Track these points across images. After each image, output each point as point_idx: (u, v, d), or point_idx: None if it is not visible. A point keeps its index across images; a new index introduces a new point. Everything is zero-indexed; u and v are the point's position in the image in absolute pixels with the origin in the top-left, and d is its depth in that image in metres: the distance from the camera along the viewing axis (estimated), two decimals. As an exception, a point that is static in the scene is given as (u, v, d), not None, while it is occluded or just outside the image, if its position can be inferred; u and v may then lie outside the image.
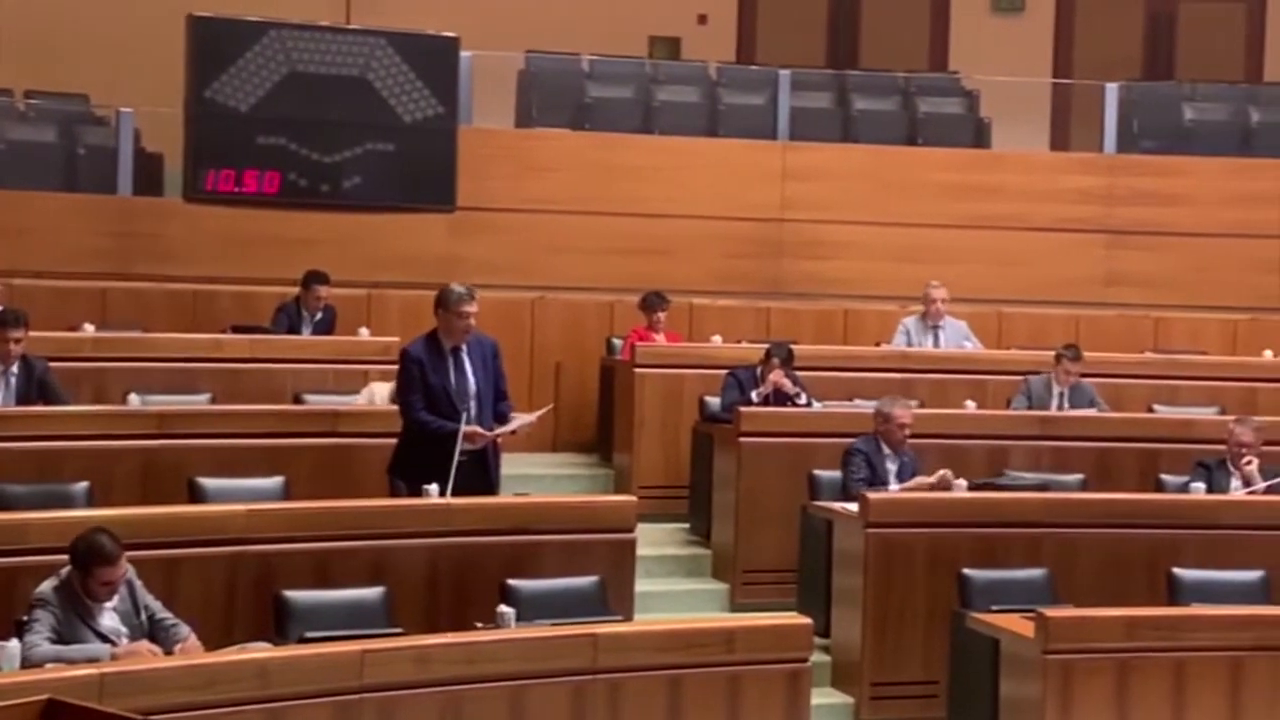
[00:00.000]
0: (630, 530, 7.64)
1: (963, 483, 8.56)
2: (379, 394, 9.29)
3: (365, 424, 8.77)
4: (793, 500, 9.02)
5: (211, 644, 6.05)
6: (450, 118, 12.30)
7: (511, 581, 6.86)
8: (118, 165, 12.17)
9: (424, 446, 7.68)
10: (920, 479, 8.73)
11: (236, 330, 10.74)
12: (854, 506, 8.18)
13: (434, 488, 7.44)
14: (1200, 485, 8.72)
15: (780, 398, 9.86)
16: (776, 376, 9.85)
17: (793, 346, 10.23)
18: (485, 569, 7.11)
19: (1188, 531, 8.18)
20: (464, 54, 12.46)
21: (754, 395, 9.86)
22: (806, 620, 6.64)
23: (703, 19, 15.92)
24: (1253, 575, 7.67)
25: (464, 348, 7.83)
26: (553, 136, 12.93)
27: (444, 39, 12.43)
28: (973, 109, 13.97)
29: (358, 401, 9.29)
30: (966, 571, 7.62)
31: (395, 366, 8.88)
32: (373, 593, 6.72)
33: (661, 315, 11.32)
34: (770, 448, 9.35)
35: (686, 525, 10.11)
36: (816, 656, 7.52)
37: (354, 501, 7.57)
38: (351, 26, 12.65)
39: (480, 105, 12.79)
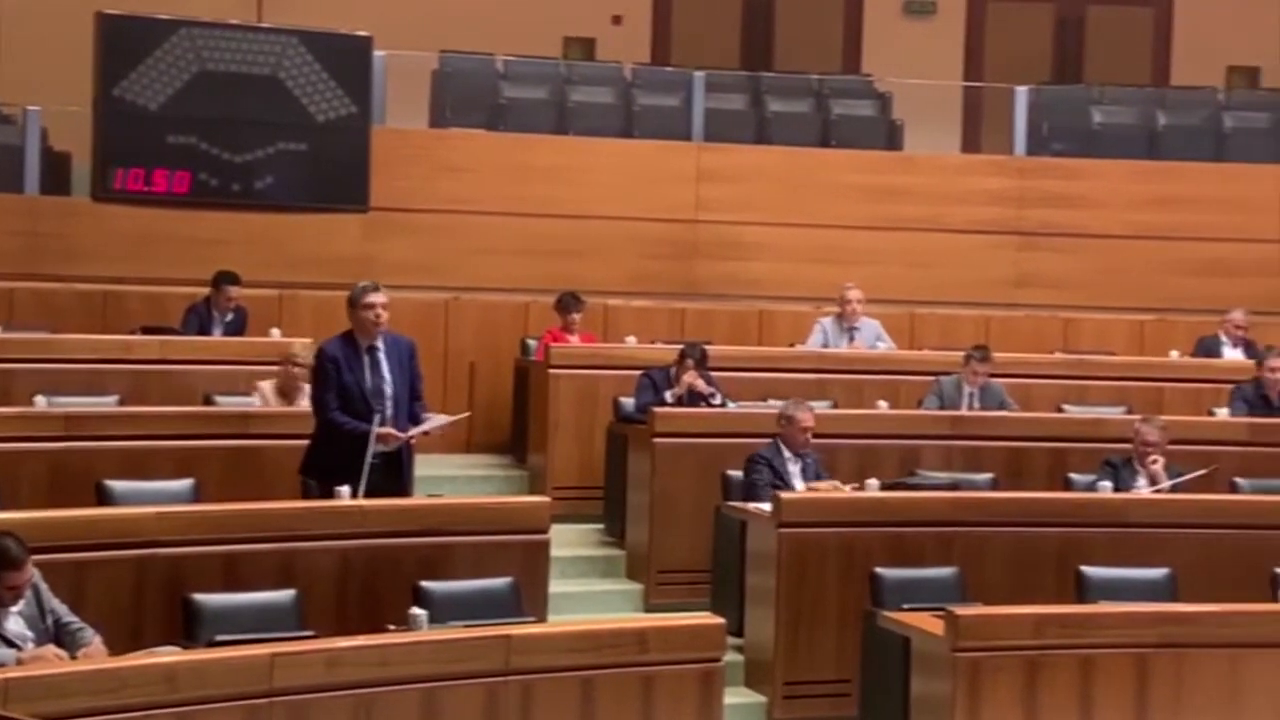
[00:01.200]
0: (544, 531, 7.62)
1: (874, 482, 8.61)
2: (269, 394, 9.20)
3: (276, 425, 8.70)
4: (707, 501, 9.05)
5: (119, 648, 5.97)
6: (363, 117, 12.26)
7: (424, 583, 6.83)
8: (24, 164, 12.00)
9: (337, 446, 7.62)
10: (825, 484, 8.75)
11: (146, 331, 10.62)
12: (767, 506, 8.21)
13: (345, 489, 7.40)
14: (1107, 484, 8.82)
15: (694, 398, 9.89)
16: (691, 377, 9.88)
17: (707, 347, 10.26)
18: (398, 571, 7.07)
19: (1095, 530, 8.26)
20: (377, 53, 12.41)
21: (668, 396, 9.88)
22: (719, 620, 6.65)
23: (617, 20, 15.94)
24: (1159, 573, 7.77)
25: (381, 347, 7.78)
26: (467, 137, 12.89)
27: (357, 38, 12.37)
28: (885, 111, 14.08)
29: (253, 404, 9.19)
30: (878, 571, 7.66)
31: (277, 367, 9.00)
32: (283, 595, 6.66)
33: (576, 316, 11.31)
34: (684, 448, 9.37)
35: (601, 526, 10.11)
36: (730, 656, 7.56)
37: (264, 504, 7.50)
38: (263, 25, 12.57)
39: (394, 105, 12.73)
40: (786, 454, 8.83)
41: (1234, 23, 16.14)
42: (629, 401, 10.09)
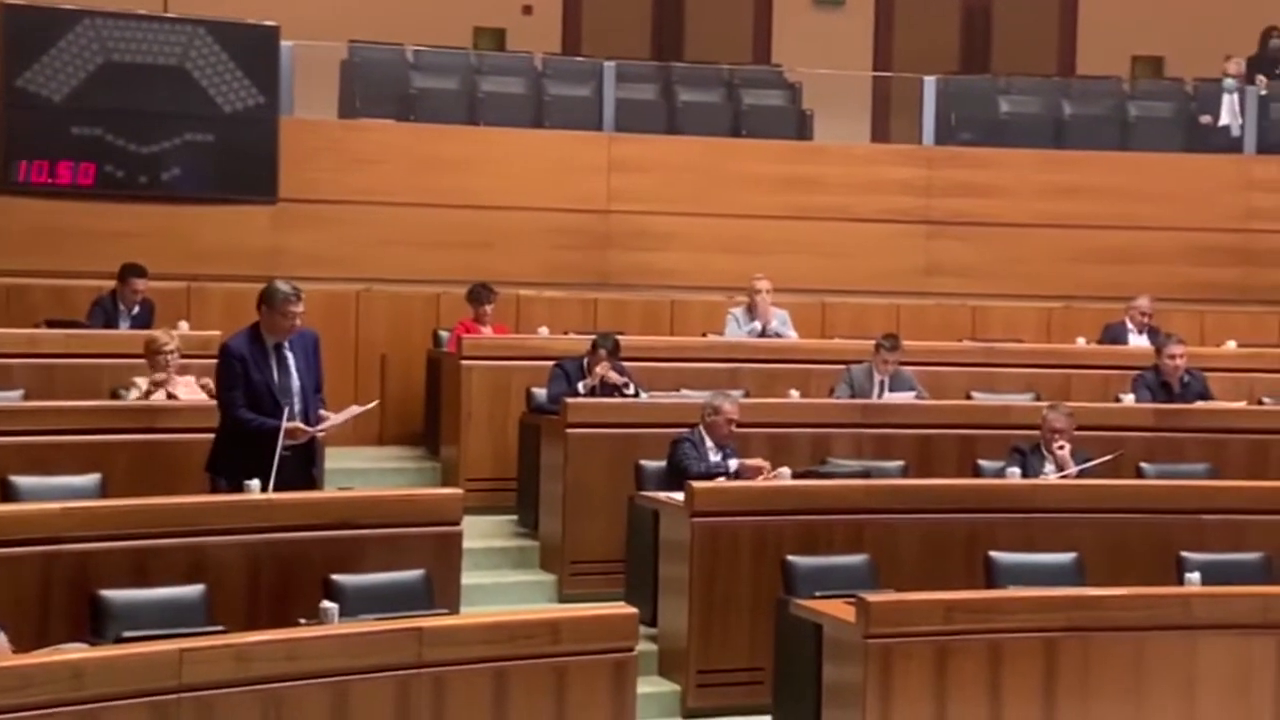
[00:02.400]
0: (456, 523, 7.60)
1: (786, 471, 8.65)
2: (144, 388, 9.07)
3: (184, 420, 8.60)
4: (620, 491, 9.05)
5: (25, 646, 5.88)
6: (271, 108, 12.16)
7: (335, 577, 6.78)
8: (-74, 156, 11.81)
9: (244, 444, 7.55)
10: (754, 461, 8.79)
11: (51, 325, 10.49)
12: (680, 496, 8.23)
13: (255, 483, 7.33)
14: (1015, 470, 8.91)
15: (607, 389, 9.90)
16: (603, 368, 9.88)
17: (619, 338, 10.26)
18: (308, 565, 7.02)
19: (1004, 515, 8.35)
20: (285, 43, 12.32)
21: (581, 387, 9.88)
22: (632, 610, 6.65)
23: (528, 10, 15.90)
24: (1066, 557, 7.85)
25: (287, 342, 7.72)
26: (377, 128, 12.82)
27: (264, 28, 12.27)
28: (795, 101, 14.14)
29: (130, 398, 9.07)
30: (790, 559, 7.69)
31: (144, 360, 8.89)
32: (192, 591, 6.60)
33: (488, 308, 11.28)
34: (597, 439, 9.37)
35: (514, 517, 10.09)
36: (644, 646, 7.57)
37: (172, 498, 7.43)
38: (169, 15, 12.43)
39: (302, 96, 12.64)
40: (709, 444, 8.85)
41: (1138, 13, 16.35)
42: (542, 392, 10.07)
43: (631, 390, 9.95)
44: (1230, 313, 13.20)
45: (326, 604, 6.23)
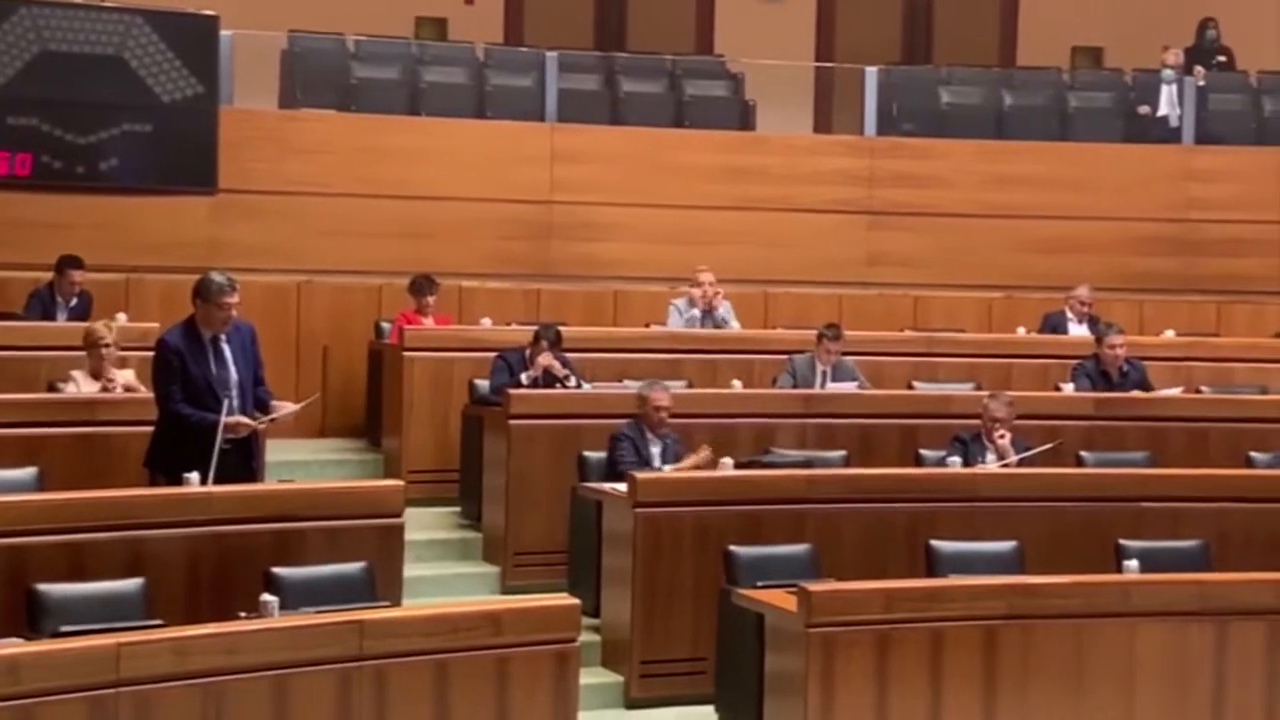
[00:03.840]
0: (398, 515, 7.57)
1: (729, 461, 8.67)
2: (82, 381, 9.00)
3: (122, 412, 8.54)
4: (563, 482, 9.05)
5: (-40, 642, 5.83)
6: (211, 98, 12.07)
7: (275, 570, 6.75)
8: None
9: (183, 439, 7.49)
10: (689, 459, 8.80)
11: (-12, 317, 10.39)
12: (623, 487, 8.23)
13: (194, 476, 7.28)
14: (956, 459, 8.96)
15: (550, 380, 9.88)
16: (545, 359, 9.86)
17: (562, 328, 10.25)
18: (248, 558, 6.97)
19: (945, 504, 8.39)
20: (224, 33, 12.23)
21: (523, 378, 9.86)
22: (574, 601, 6.65)
23: (469, 0, 15.83)
24: (1006, 545, 7.90)
25: (223, 335, 7.65)
26: (317, 118, 12.74)
27: (203, 17, 12.17)
28: (738, 92, 14.14)
29: (67, 390, 8.99)
30: (733, 549, 7.72)
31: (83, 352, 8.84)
32: (130, 585, 6.54)
33: (430, 299, 11.24)
34: (540, 430, 9.36)
35: (457, 509, 10.06)
36: (587, 636, 7.58)
37: (110, 491, 7.35)
38: (106, 4, 12.28)
39: (242, 85, 12.55)
40: (648, 434, 8.86)
41: (1078, 4, 16.45)
42: (484, 384, 10.05)
43: (574, 381, 9.95)
44: (1169, 302, 13.31)
45: (267, 597, 6.20)
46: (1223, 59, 15.08)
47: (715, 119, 13.68)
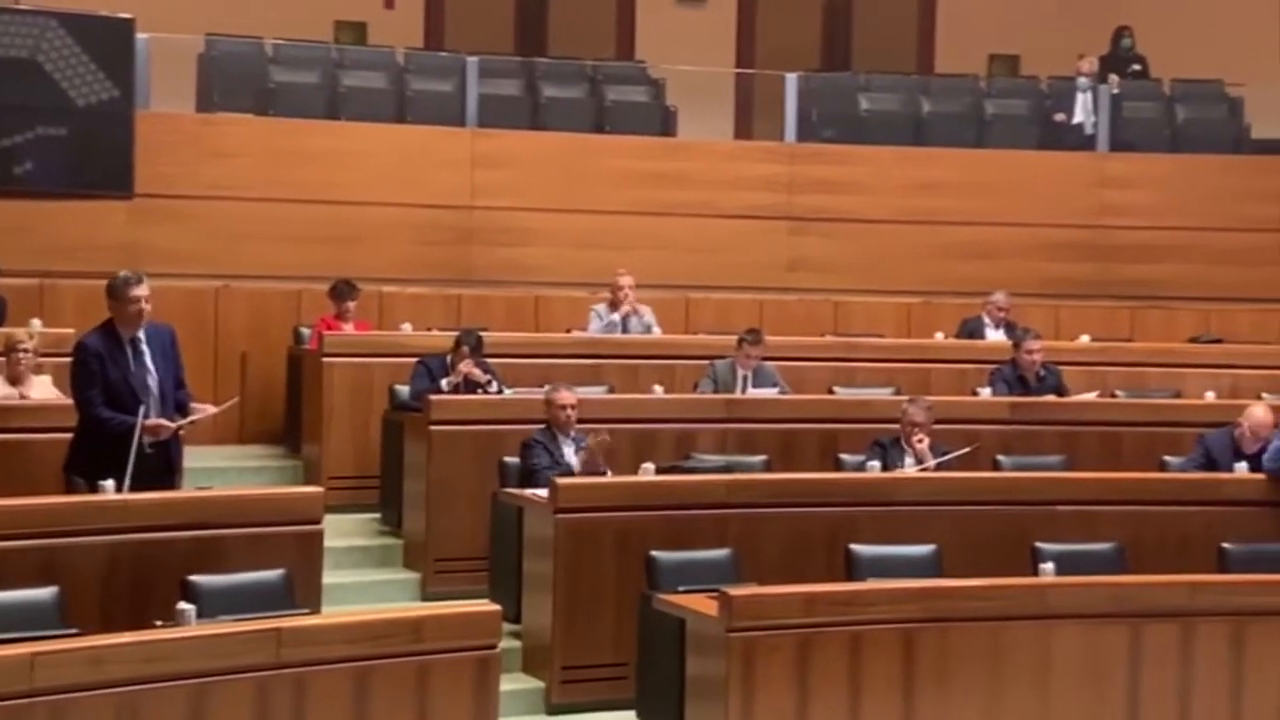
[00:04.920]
0: (317, 522, 7.52)
1: (650, 466, 8.68)
2: None
3: (37, 419, 8.43)
4: (484, 488, 9.03)
5: None
6: (127, 101, 11.96)
7: (192, 578, 6.67)
8: None
9: (103, 442, 7.42)
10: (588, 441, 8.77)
11: (-102, 323, 10.24)
12: (544, 493, 8.22)
13: (110, 483, 7.21)
14: (875, 464, 9.01)
15: (471, 386, 9.86)
16: (466, 365, 9.84)
17: (483, 334, 10.23)
18: (165, 565, 6.89)
19: (864, 509, 8.44)
20: (140, 36, 12.13)
21: (444, 383, 9.84)
22: (495, 607, 6.64)
23: (389, 4, 15.77)
24: (925, 549, 7.95)
25: (143, 338, 7.59)
26: (235, 122, 12.66)
27: (119, 20, 12.06)
28: (659, 97, 14.18)
29: None
30: (654, 554, 7.72)
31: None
32: (45, 593, 6.44)
33: (351, 305, 11.19)
34: (461, 435, 9.34)
35: (377, 515, 10.02)
36: (508, 642, 7.58)
37: (24, 499, 7.24)
38: (20, 6, 12.15)
39: (159, 89, 12.45)
40: (560, 436, 8.87)
41: (994, 11, 16.61)
42: (405, 389, 10.01)
43: (495, 387, 9.93)
44: (1084, 307, 13.47)
45: (183, 605, 6.15)
46: (1137, 67, 15.29)
47: (636, 124, 13.71)
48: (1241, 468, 9.11)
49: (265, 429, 11.44)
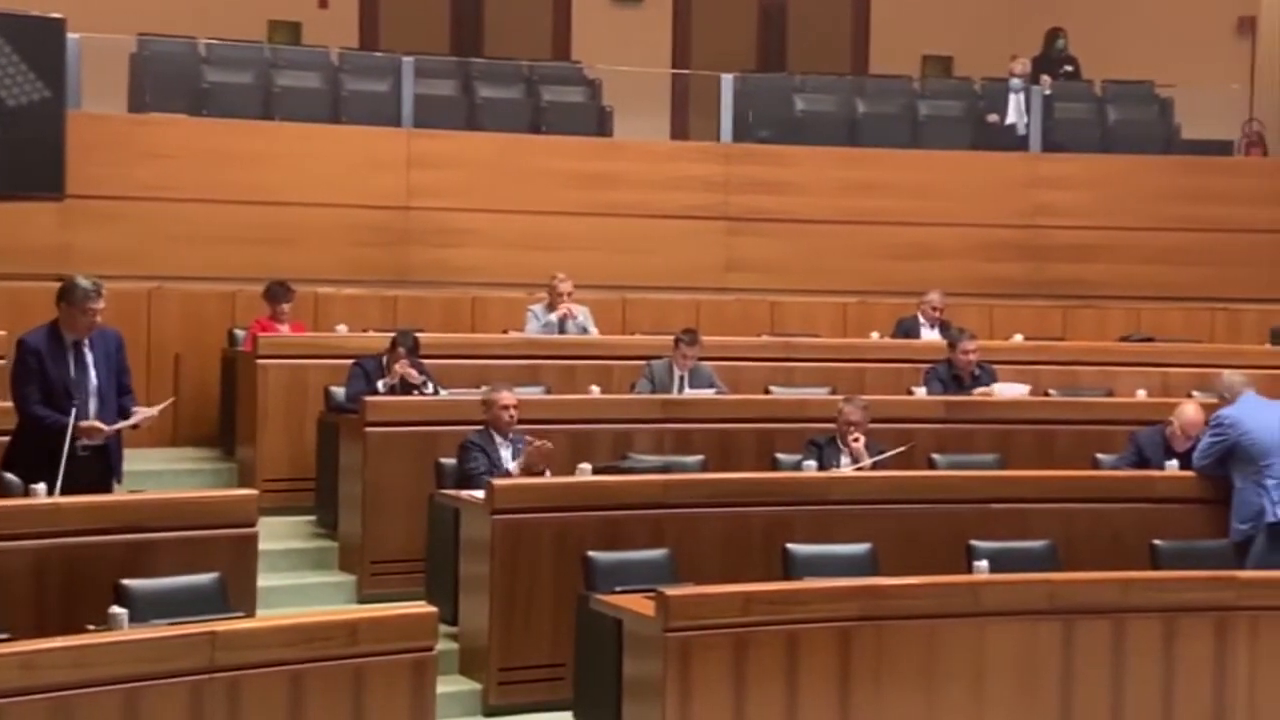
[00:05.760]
0: (251, 524, 7.49)
1: (587, 467, 8.68)
2: None
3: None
4: (420, 489, 9.01)
5: None
6: (58, 102, 11.84)
7: (125, 581, 6.63)
8: None
9: (39, 441, 7.42)
10: (527, 449, 8.76)
11: None
12: (480, 494, 8.21)
13: (41, 487, 7.16)
14: (812, 463, 9.05)
15: (407, 387, 9.83)
16: (402, 366, 9.82)
17: (419, 335, 10.20)
18: (98, 569, 6.85)
19: (801, 508, 8.46)
20: (71, 36, 12.01)
21: (380, 385, 9.80)
22: (431, 609, 6.63)
23: (324, 4, 15.68)
24: (861, 548, 7.99)
25: (86, 341, 7.60)
26: (168, 122, 12.57)
27: (49, 20, 11.94)
28: (595, 98, 14.18)
29: None
30: (591, 554, 7.72)
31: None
32: (-25, 599, 6.42)
33: (286, 306, 11.13)
34: (397, 437, 9.31)
35: (313, 518, 9.97)
36: (445, 644, 7.56)
37: (-47, 503, 7.20)
38: (-52, 5, 12.03)
39: (90, 89, 12.34)
40: (497, 438, 8.85)
41: (928, 13, 16.70)
42: (340, 391, 9.98)
43: (431, 388, 9.90)
44: (1017, 306, 13.57)
45: (116, 609, 6.11)
46: (1069, 69, 15.42)
47: (572, 125, 13.70)
48: (1172, 465, 9.21)
49: (199, 432, 11.36)
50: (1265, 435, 8.75)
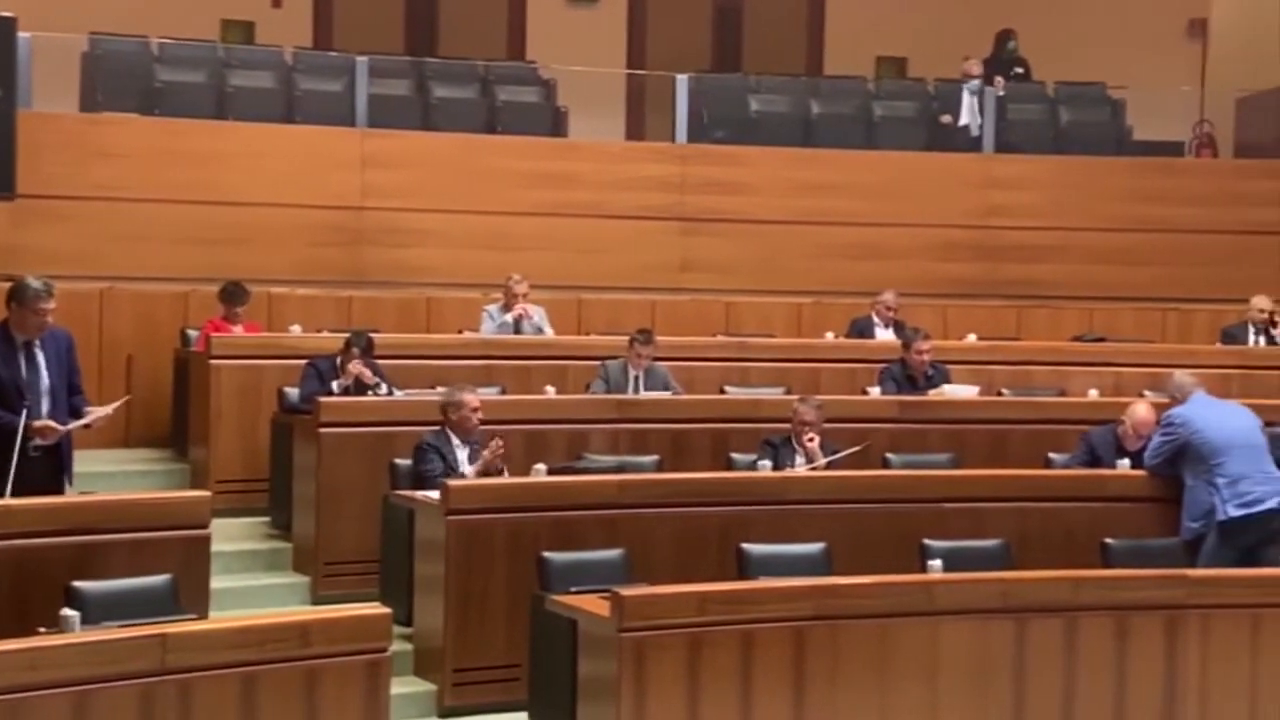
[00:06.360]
0: (204, 526, 7.44)
1: (542, 467, 8.68)
2: None
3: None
4: (374, 490, 8.98)
5: None
6: (8, 101, 11.75)
7: (77, 584, 6.59)
8: None
9: (-5, 442, 7.36)
10: (484, 453, 8.74)
11: None
12: (435, 494, 8.19)
13: (-9, 489, 7.12)
14: (767, 463, 9.07)
15: (361, 388, 9.80)
16: (356, 366, 9.78)
17: (374, 335, 10.18)
18: (49, 572, 6.79)
19: (756, 508, 8.48)
20: (22, 35, 11.93)
21: (334, 386, 9.77)
22: (385, 610, 6.60)
23: (277, 3, 15.64)
24: (815, 547, 8.01)
25: (37, 341, 7.57)
26: (120, 121, 12.50)
27: (0, 18, 11.83)
28: (550, 98, 14.17)
29: None
30: (546, 555, 7.71)
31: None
32: (-76, 602, 6.36)
33: (240, 309, 11.08)
34: (351, 438, 9.27)
35: (266, 519, 9.93)
36: (399, 646, 7.55)
37: (-99, 505, 7.13)
38: (-103, 3, 11.92)
39: (41, 88, 12.27)
40: (455, 440, 8.83)
41: (882, 14, 16.76)
42: (294, 392, 9.94)
43: (385, 389, 9.87)
44: (971, 306, 13.63)
45: (67, 611, 6.07)
46: (1020, 70, 15.50)
47: (527, 125, 13.69)
48: (1124, 464, 9.27)
49: (152, 433, 11.30)
50: (1216, 434, 8.81)
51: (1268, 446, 8.94)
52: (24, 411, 7.31)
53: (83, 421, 7.65)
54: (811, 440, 9.22)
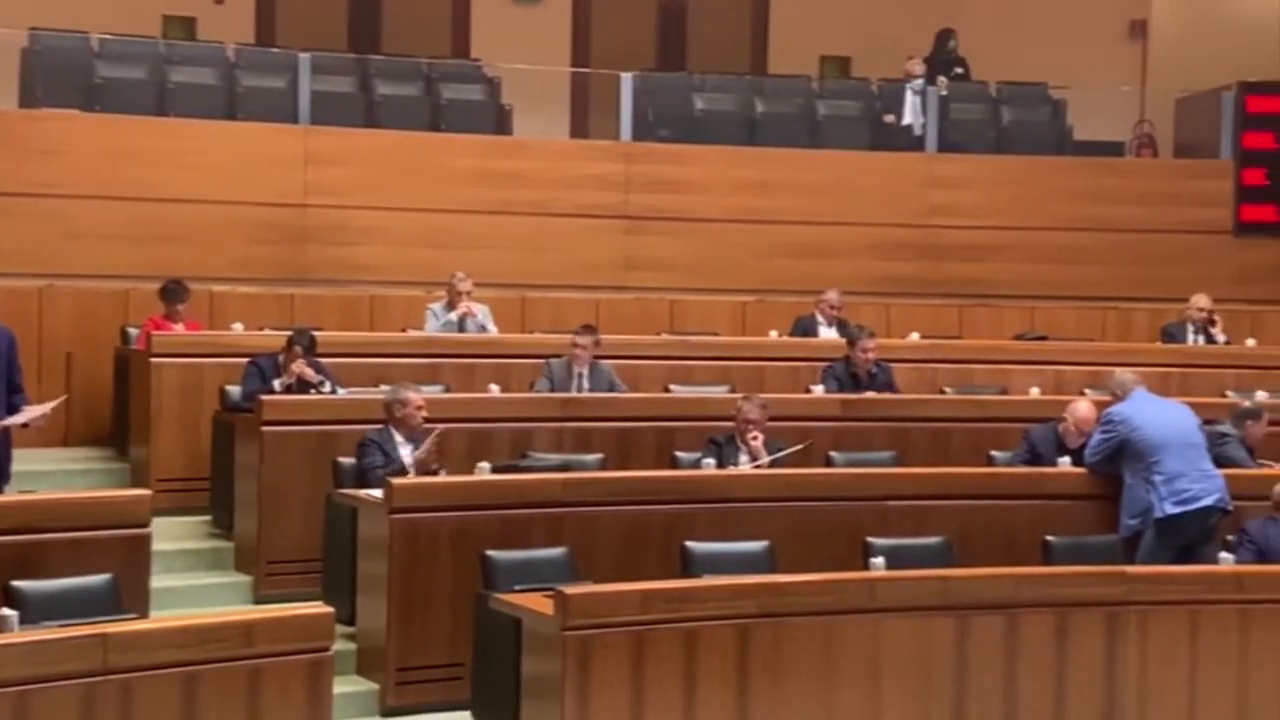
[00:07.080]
0: (145, 525, 7.41)
1: (486, 465, 8.67)
2: None
3: None
4: (317, 489, 8.95)
5: None
6: (-54, 97, 11.65)
7: (16, 583, 6.55)
8: None
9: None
10: (424, 444, 8.71)
11: None
12: (378, 493, 8.16)
13: (-71, 489, 7.05)
14: (711, 461, 9.09)
15: (304, 386, 9.76)
16: (299, 365, 9.74)
17: (317, 333, 10.13)
18: (-12, 572, 6.75)
19: (700, 506, 8.51)
20: (-40, 30, 11.81)
21: (276, 384, 9.72)
22: (327, 609, 6.58)
23: (219, -1, 15.56)
24: (759, 545, 8.05)
25: (-22, 339, 7.49)
26: (60, 118, 12.39)
27: (-62, 13, 11.74)
28: (494, 96, 14.15)
29: None
30: (490, 553, 7.71)
31: None
32: None
33: (181, 307, 11.01)
34: (293, 436, 9.24)
35: (208, 518, 9.87)
36: (342, 645, 7.52)
37: None
38: None
39: (-21, 84, 12.15)
40: (398, 437, 8.81)
41: (826, 14, 16.80)
42: (236, 390, 9.88)
43: (328, 387, 9.84)
44: (914, 305, 13.70)
45: (6, 611, 6.03)
46: (960, 70, 15.58)
47: (472, 123, 13.66)
48: (1065, 462, 9.34)
49: (92, 431, 11.21)
50: (1154, 432, 8.90)
51: (1206, 445, 9.04)
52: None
53: (18, 419, 7.60)
54: (755, 438, 9.25)
